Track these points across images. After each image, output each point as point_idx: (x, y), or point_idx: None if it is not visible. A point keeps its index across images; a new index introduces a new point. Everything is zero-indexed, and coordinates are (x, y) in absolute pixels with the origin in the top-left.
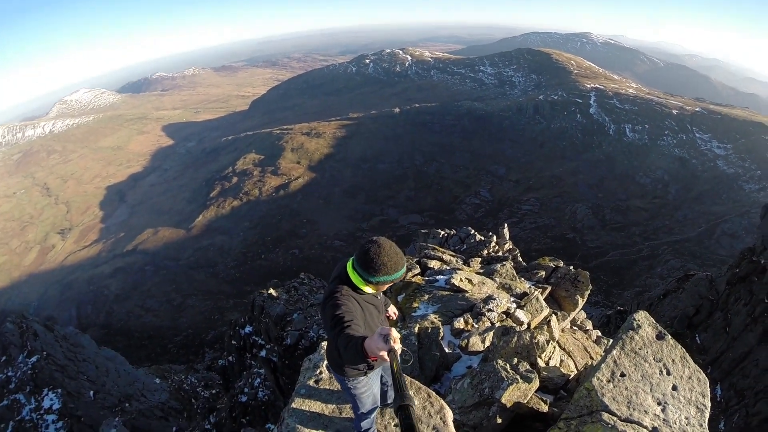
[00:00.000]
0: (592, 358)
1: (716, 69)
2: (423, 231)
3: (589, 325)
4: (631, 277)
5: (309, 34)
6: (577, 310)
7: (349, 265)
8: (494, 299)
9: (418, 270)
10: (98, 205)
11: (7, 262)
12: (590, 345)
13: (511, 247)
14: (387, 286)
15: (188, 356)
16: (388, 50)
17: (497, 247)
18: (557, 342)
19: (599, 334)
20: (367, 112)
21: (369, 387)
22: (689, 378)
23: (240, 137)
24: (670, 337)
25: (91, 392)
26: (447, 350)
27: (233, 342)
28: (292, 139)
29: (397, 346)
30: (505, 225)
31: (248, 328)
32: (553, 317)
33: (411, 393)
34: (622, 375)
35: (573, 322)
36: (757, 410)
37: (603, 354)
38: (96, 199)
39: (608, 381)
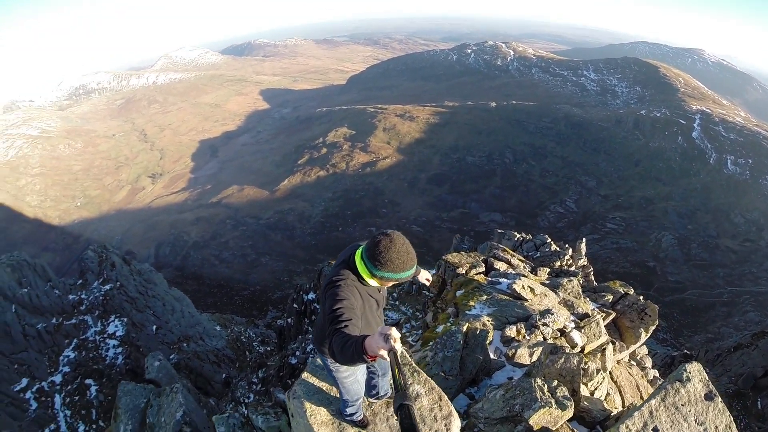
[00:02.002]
0: (642, 398)
1: None
2: (499, 231)
3: (648, 363)
4: (706, 322)
5: (412, 17)
6: (639, 344)
7: (358, 253)
8: (552, 314)
9: (483, 268)
10: (190, 156)
11: (98, 197)
12: (644, 384)
13: (585, 263)
14: (392, 283)
15: (252, 311)
16: (490, 42)
17: (571, 261)
18: (609, 373)
19: (657, 374)
20: (463, 102)
21: (352, 373)
22: None
23: (334, 110)
24: (720, 400)
25: (154, 327)
26: (492, 356)
27: (295, 306)
28: (385, 119)
29: (398, 346)
30: (584, 240)
31: (311, 295)
32: (610, 346)
33: (412, 393)
34: (655, 430)
35: (632, 356)
36: None
37: (642, 400)
38: (189, 150)
39: None
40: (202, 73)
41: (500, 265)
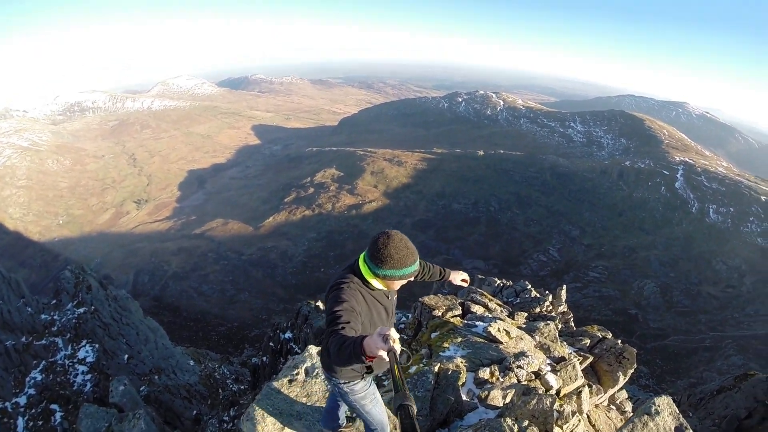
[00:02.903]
0: None
1: None
2: (480, 276)
3: (628, 407)
4: (688, 367)
5: (406, 64)
6: (617, 387)
7: (361, 257)
8: (527, 356)
9: (459, 311)
10: (177, 185)
11: (81, 216)
12: None
13: (565, 309)
14: (397, 282)
15: (227, 348)
16: (481, 92)
17: (551, 307)
18: (587, 416)
19: None
20: (451, 150)
21: (371, 394)
22: None
23: (324, 150)
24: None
25: (126, 356)
26: (465, 398)
27: (271, 344)
28: (374, 163)
29: (397, 346)
30: (564, 286)
31: (288, 334)
32: (586, 389)
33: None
34: None
35: (611, 401)
36: None
37: None
38: (177, 179)
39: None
40: (197, 103)
41: (477, 309)
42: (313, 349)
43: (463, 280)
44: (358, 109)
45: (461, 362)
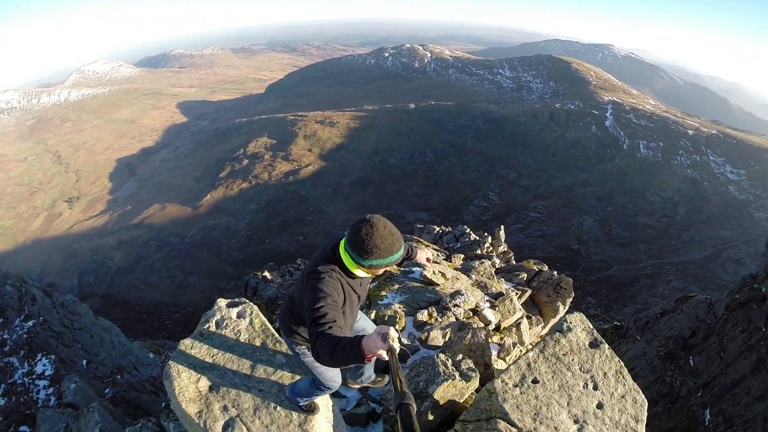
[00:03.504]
0: None
1: (736, 93)
2: (419, 226)
3: None
4: (633, 294)
5: (330, 23)
6: (558, 317)
7: (341, 245)
8: (462, 294)
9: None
10: (107, 177)
11: (12, 227)
12: None
13: (505, 249)
14: (382, 270)
15: (185, 333)
16: (408, 45)
17: (491, 249)
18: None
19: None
20: (382, 106)
21: None
22: (622, 397)
23: (254, 120)
24: (607, 347)
25: (84, 361)
26: (406, 341)
27: None
28: (306, 126)
29: (396, 345)
30: (501, 227)
31: None
32: (524, 320)
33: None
34: (535, 381)
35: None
36: None
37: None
38: (106, 170)
39: (515, 386)
40: (116, 88)
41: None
42: (222, 302)
43: (427, 259)
44: (284, 74)
45: (399, 307)
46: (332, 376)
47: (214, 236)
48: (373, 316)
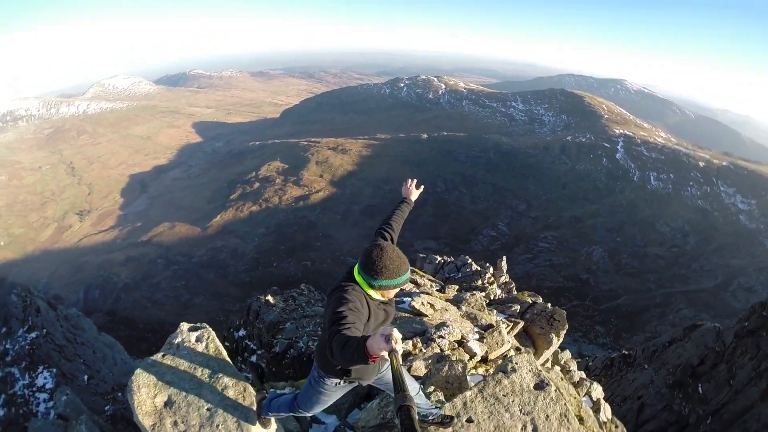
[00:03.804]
0: None
1: (747, 125)
2: (421, 255)
3: (573, 366)
4: (642, 323)
5: (347, 51)
6: (552, 348)
7: (355, 269)
8: (447, 326)
9: None
10: (119, 192)
11: (22, 235)
12: (565, 386)
13: (507, 280)
14: (392, 291)
15: None
16: (423, 76)
17: (492, 279)
18: None
19: (583, 376)
20: (395, 135)
21: (328, 393)
22: None
23: (267, 144)
24: (553, 389)
25: (86, 376)
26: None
27: (226, 343)
28: (318, 152)
29: (398, 347)
30: (504, 258)
31: (242, 332)
32: (512, 353)
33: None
34: (469, 421)
35: (555, 362)
36: None
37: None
38: (118, 185)
39: None
40: (134, 103)
41: (407, 286)
42: (185, 326)
43: (417, 187)
44: (299, 100)
45: None
46: (313, 404)
47: (221, 258)
48: None
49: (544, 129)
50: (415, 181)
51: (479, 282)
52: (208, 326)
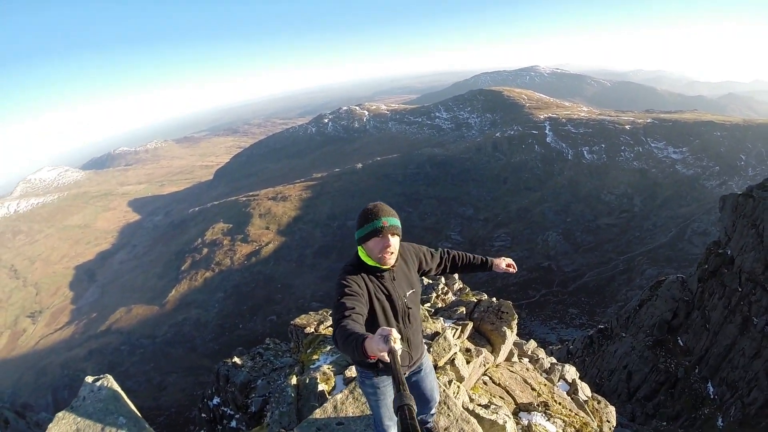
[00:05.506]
0: (533, 389)
1: (661, 79)
2: None
3: (541, 353)
4: (612, 294)
5: (267, 99)
6: (509, 342)
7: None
8: None
9: (330, 323)
10: (68, 286)
11: None
12: (533, 376)
13: (461, 286)
14: (379, 242)
15: None
16: (345, 107)
17: (446, 288)
18: (489, 378)
19: (554, 361)
20: (330, 171)
21: (382, 389)
22: (445, 429)
23: (207, 207)
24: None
25: None
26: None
27: (203, 415)
28: (259, 205)
29: (397, 346)
30: None
31: (216, 400)
32: (459, 355)
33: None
34: (339, 423)
35: (523, 353)
36: (752, 399)
37: (534, 393)
38: (65, 279)
39: (318, 429)
40: (65, 194)
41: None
42: (89, 378)
43: (508, 265)
44: (230, 157)
45: (328, 368)
46: (382, 412)
47: (186, 331)
48: (293, 381)
49: (472, 131)
50: (510, 260)
51: (433, 296)
52: (108, 375)
